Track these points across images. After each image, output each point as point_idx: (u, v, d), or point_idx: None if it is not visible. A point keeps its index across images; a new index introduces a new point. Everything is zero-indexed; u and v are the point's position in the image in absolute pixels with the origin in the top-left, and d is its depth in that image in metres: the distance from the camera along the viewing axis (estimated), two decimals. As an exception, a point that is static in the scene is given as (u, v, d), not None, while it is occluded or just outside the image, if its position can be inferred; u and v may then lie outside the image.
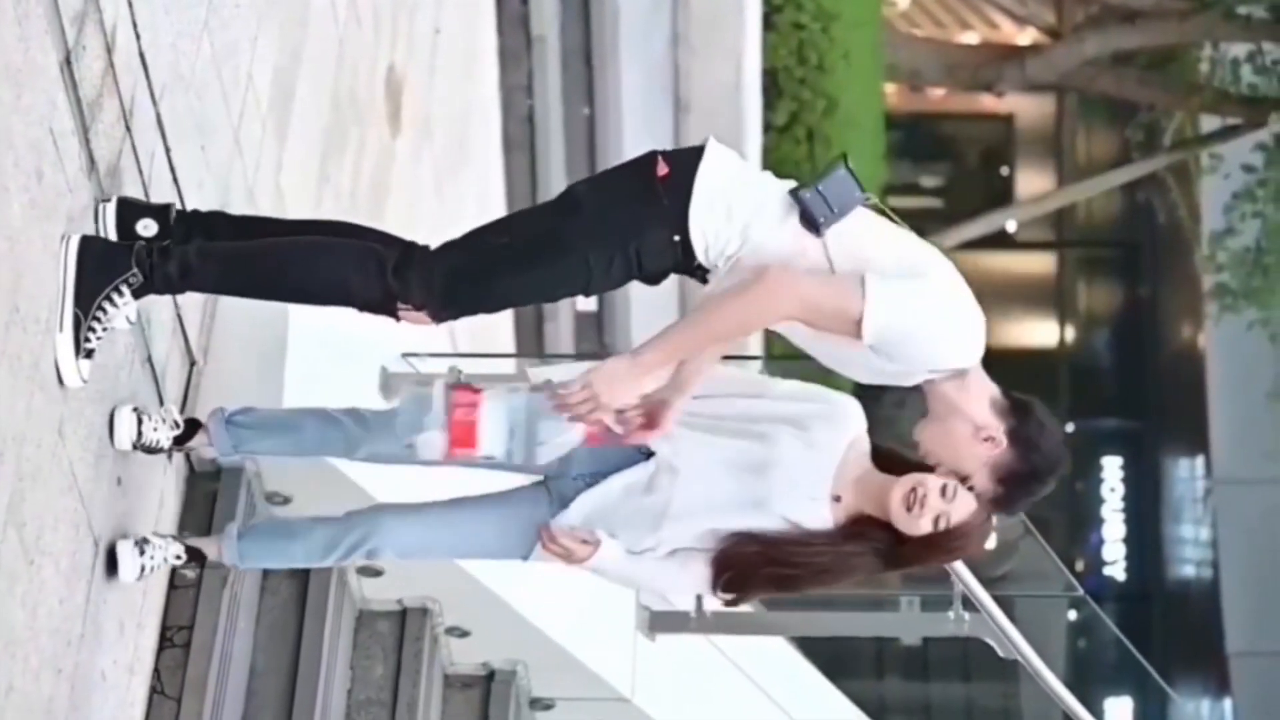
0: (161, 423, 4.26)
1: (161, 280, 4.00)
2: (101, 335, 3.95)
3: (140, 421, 4.21)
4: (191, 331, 4.80)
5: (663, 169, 3.99)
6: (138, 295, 3.99)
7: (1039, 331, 23.20)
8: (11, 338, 3.59)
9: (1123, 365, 22.69)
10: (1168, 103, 17.30)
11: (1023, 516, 6.35)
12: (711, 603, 4.29)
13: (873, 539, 4.11)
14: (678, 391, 4.16)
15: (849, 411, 4.21)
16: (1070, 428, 23.17)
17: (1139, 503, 22.07)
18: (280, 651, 5.13)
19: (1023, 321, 23.03)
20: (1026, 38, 19.94)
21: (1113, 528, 22.14)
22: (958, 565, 5.46)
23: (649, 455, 4.18)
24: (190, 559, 4.33)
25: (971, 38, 21.53)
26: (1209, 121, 17.38)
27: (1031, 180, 23.67)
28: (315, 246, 4.11)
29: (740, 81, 12.10)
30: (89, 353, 3.92)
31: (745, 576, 4.13)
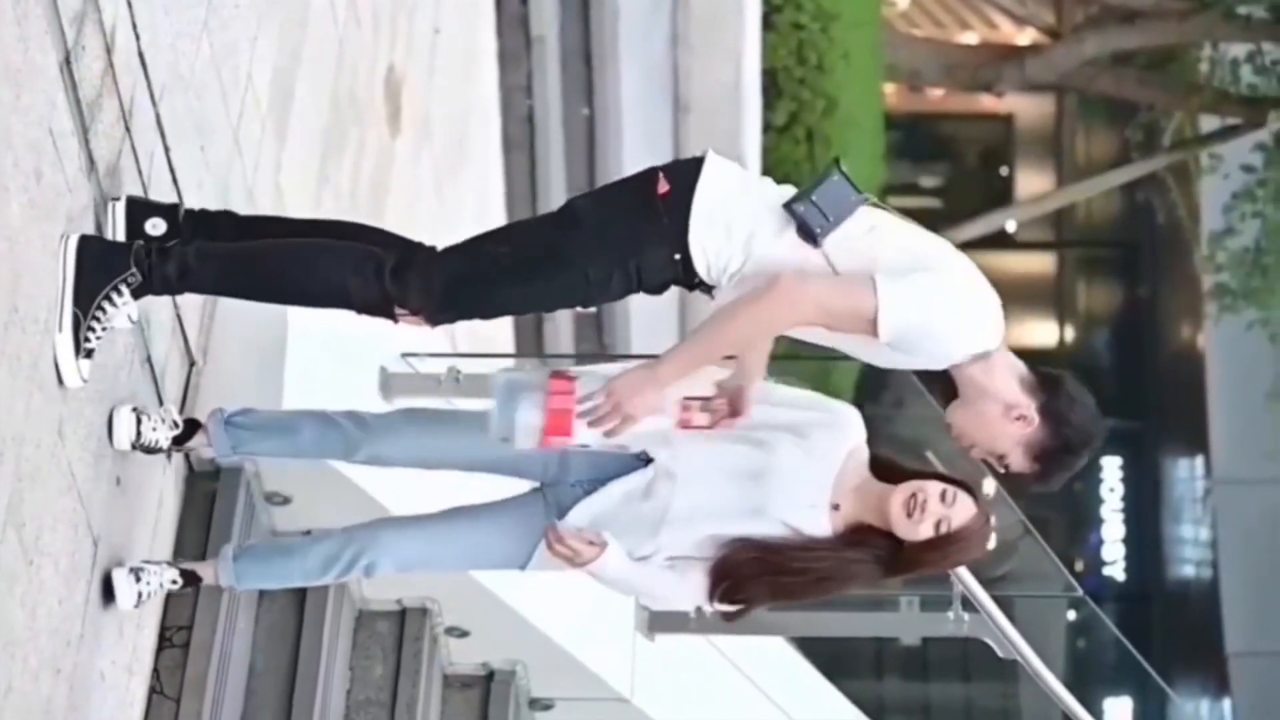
0: (160, 423, 4.25)
1: (160, 281, 4.00)
2: (101, 335, 3.95)
3: (139, 421, 4.21)
4: (191, 332, 4.80)
5: (663, 186, 3.98)
6: (136, 295, 3.99)
7: (1038, 332, 23.18)
8: (10, 338, 3.59)
9: (1122, 365, 22.67)
10: (1167, 103, 17.31)
11: (1022, 517, 6.36)
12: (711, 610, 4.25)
13: (873, 546, 4.10)
14: (748, 378, 4.16)
15: (849, 420, 4.20)
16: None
17: (1138, 503, 22.06)
18: (279, 651, 5.13)
19: (1022, 321, 23.00)
20: (1026, 38, 19.94)
21: (1112, 528, 22.13)
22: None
23: (647, 461, 4.17)
24: (186, 583, 4.32)
25: (971, 38, 21.53)
26: (1208, 122, 17.38)
27: (1031, 180, 23.67)
28: (314, 248, 4.11)
29: (740, 81, 12.09)
30: (89, 352, 3.92)
31: (744, 584, 4.11)
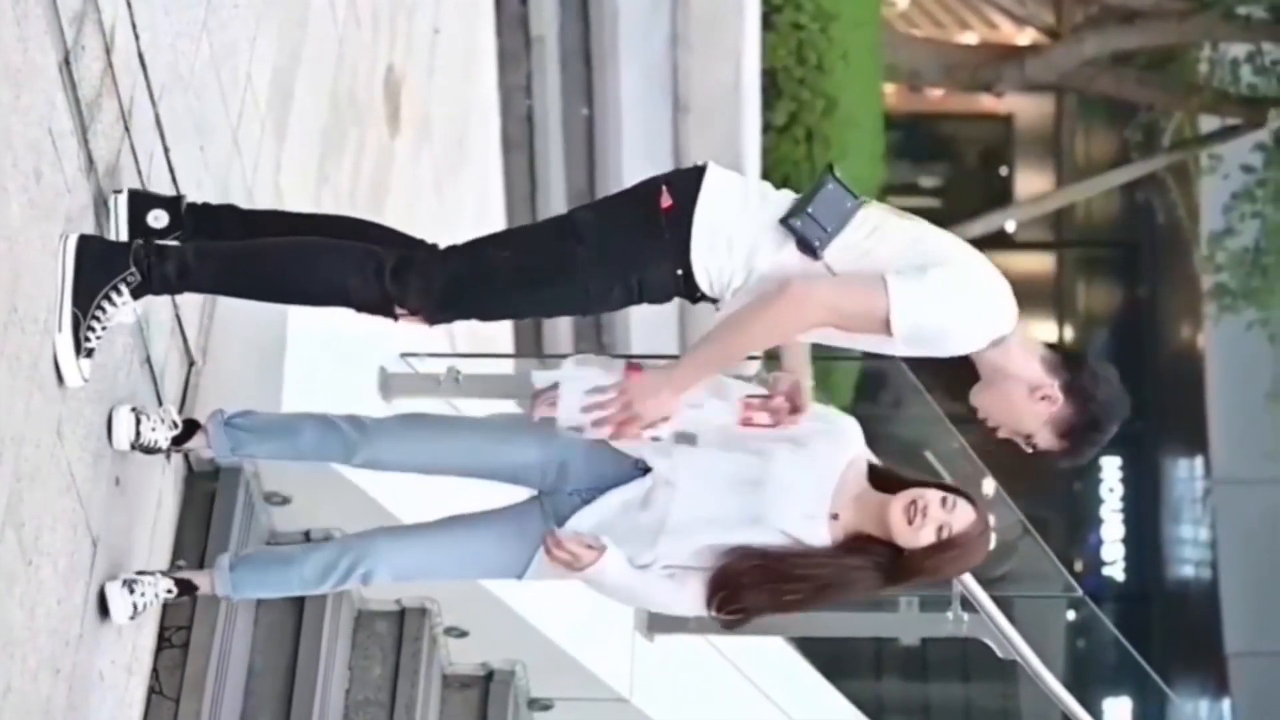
0: (160, 423, 4.25)
1: (159, 280, 4.00)
2: (101, 334, 3.95)
3: (138, 422, 4.21)
4: (190, 332, 4.80)
5: (666, 201, 3.97)
6: (136, 295, 3.99)
7: (1038, 332, 23.16)
8: (10, 338, 3.59)
9: (1122, 365, 22.39)
10: (1167, 103, 17.31)
11: (1021, 517, 6.36)
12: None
13: (873, 553, 4.09)
14: (800, 373, 4.18)
15: (848, 430, 4.21)
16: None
17: (1138, 503, 22.06)
18: (278, 652, 5.13)
19: (1022, 322, 22.96)
20: (1025, 38, 19.94)
21: (1111, 528, 22.13)
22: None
23: (645, 470, 4.17)
24: (181, 593, 4.32)
25: (970, 38, 21.53)
26: (1208, 122, 17.39)
27: (1030, 180, 23.67)
28: (314, 248, 4.10)
29: (739, 81, 12.08)
30: (89, 352, 3.92)
31: (743, 593, 4.10)
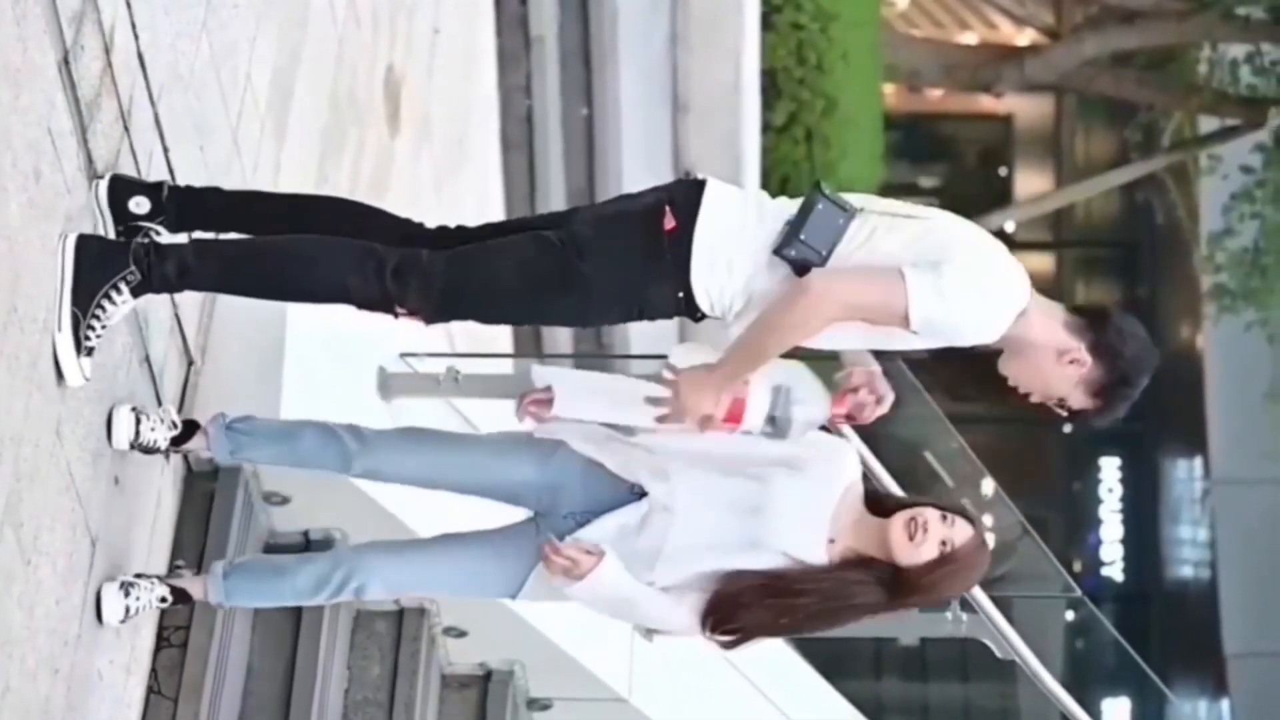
0: (159, 423, 4.25)
1: (159, 279, 4.00)
2: (101, 333, 3.95)
3: (138, 422, 4.21)
4: (189, 331, 4.80)
5: (669, 222, 3.97)
6: (136, 294, 3.98)
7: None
8: (9, 338, 3.59)
9: (1121, 366, 22.61)
10: (1166, 103, 17.32)
11: (1020, 517, 6.36)
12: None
13: (874, 570, 4.09)
14: (863, 360, 4.20)
15: (845, 455, 4.21)
16: (1067, 428, 23.21)
17: (1137, 503, 22.07)
18: (277, 652, 5.13)
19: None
20: (1025, 38, 19.95)
21: (1111, 528, 22.14)
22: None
23: (641, 494, 4.17)
24: (176, 600, 4.32)
25: (970, 38, 21.55)
26: (1208, 122, 17.40)
27: (1030, 181, 23.68)
28: (314, 246, 4.10)
29: (739, 82, 12.08)
30: (89, 351, 3.92)
31: (741, 612, 4.09)
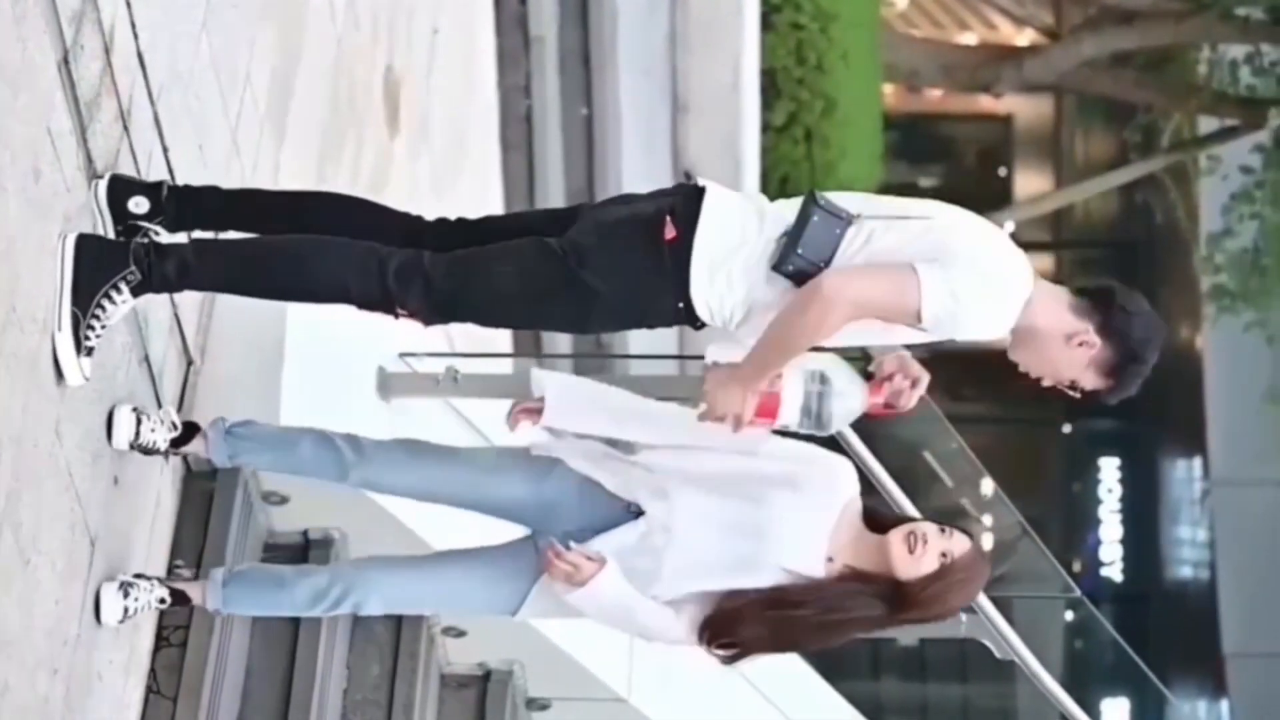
0: (159, 424, 4.25)
1: (159, 279, 3.99)
2: (101, 333, 3.94)
3: (139, 422, 4.21)
4: (189, 331, 4.80)
5: (670, 232, 3.97)
6: (136, 293, 3.98)
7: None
8: (9, 337, 3.59)
9: (1120, 366, 22.60)
10: (1165, 104, 17.34)
11: (1020, 518, 6.36)
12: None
13: (874, 582, 4.09)
14: (905, 366, 4.19)
15: (843, 474, 4.21)
16: (1067, 429, 23.23)
17: (1136, 504, 22.09)
18: (276, 652, 5.12)
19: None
20: (1024, 39, 19.97)
21: (1110, 529, 22.16)
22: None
23: (638, 513, 4.17)
24: (175, 603, 4.32)
25: (969, 38, 21.56)
26: (1207, 123, 17.42)
27: (1029, 181, 23.70)
28: (314, 246, 4.10)
29: (738, 82, 12.09)
30: (89, 350, 3.92)
31: (740, 628, 4.09)
